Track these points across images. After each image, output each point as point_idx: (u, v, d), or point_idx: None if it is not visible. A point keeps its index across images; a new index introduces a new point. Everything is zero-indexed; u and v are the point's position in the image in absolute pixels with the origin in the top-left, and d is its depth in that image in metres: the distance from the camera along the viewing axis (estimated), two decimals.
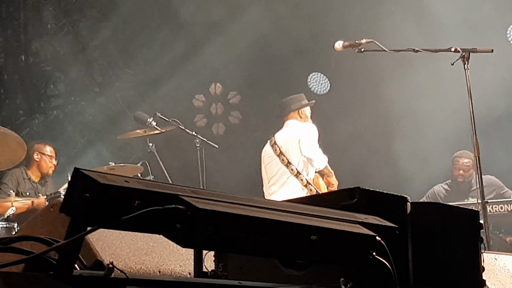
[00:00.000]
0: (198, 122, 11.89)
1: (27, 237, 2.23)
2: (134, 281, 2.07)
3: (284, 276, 2.74)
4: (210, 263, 2.90)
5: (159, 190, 2.05)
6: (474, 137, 5.92)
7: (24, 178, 8.70)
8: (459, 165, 9.10)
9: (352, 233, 2.38)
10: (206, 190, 2.29)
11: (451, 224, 3.03)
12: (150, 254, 3.29)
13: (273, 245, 2.25)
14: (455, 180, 9.15)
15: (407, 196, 2.89)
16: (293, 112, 8.00)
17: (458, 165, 9.10)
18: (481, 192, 5.95)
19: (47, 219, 3.34)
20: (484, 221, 5.61)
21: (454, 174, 9.17)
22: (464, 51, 6.01)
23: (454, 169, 9.16)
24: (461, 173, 9.07)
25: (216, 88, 12.05)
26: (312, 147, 7.73)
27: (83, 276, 1.99)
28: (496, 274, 3.88)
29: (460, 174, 9.08)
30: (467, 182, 9.06)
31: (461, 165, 9.08)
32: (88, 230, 1.96)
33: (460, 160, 9.11)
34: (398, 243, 2.58)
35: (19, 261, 2.03)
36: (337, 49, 6.68)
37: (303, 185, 7.73)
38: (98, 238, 3.12)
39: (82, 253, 2.06)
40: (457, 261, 3.01)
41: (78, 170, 1.99)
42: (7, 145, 7.71)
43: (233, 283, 2.47)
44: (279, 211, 2.29)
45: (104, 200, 1.94)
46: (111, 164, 8.24)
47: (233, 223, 2.11)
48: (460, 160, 9.10)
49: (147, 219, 1.98)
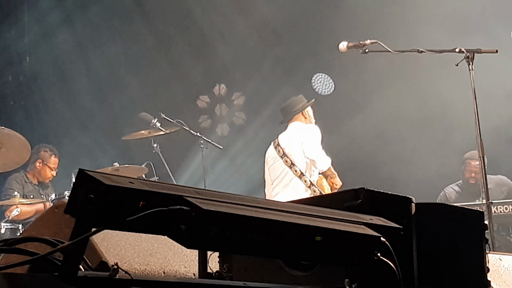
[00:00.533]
0: (203, 123, 11.89)
1: (32, 238, 2.24)
2: (139, 282, 2.07)
3: (288, 277, 2.73)
4: (215, 264, 2.90)
5: (163, 191, 2.05)
6: (478, 137, 5.91)
7: (26, 182, 8.73)
8: (470, 167, 8.96)
9: (357, 234, 2.38)
10: (210, 191, 2.29)
11: (456, 224, 3.02)
12: (155, 255, 3.29)
13: (278, 246, 2.24)
14: (466, 181, 9.05)
15: (412, 197, 2.88)
16: (298, 115, 8.02)
17: (470, 167, 8.96)
18: (486, 193, 5.94)
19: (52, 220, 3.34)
20: (488, 221, 5.60)
21: (465, 176, 9.06)
22: (468, 52, 6.00)
23: (466, 172, 9.04)
24: (473, 175, 8.95)
25: (220, 89, 12.05)
26: (315, 149, 7.73)
27: (87, 277, 1.99)
28: (501, 275, 3.87)
29: (472, 177, 8.96)
30: (479, 183, 8.99)
31: (472, 167, 8.91)
32: (92, 231, 1.96)
33: (471, 162, 8.93)
34: (402, 244, 2.58)
35: (24, 262, 2.03)
36: (341, 50, 6.66)
37: (306, 186, 7.74)
38: (103, 239, 3.12)
39: (86, 254, 2.07)
40: (462, 262, 3.01)
41: (82, 171, 1.99)
42: (12, 146, 7.72)
43: (237, 284, 2.47)
44: (283, 212, 2.28)
45: (108, 201, 1.94)
46: (116, 165, 8.25)
47: (237, 224, 2.11)
48: (472, 162, 8.92)
49: (152, 220, 1.98)
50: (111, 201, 1.94)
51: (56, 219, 3.31)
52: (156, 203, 1.99)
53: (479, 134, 5.90)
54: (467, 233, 3.06)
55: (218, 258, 2.91)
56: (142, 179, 2.18)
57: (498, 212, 8.09)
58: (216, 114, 12.02)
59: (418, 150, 10.22)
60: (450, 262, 2.95)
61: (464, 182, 9.11)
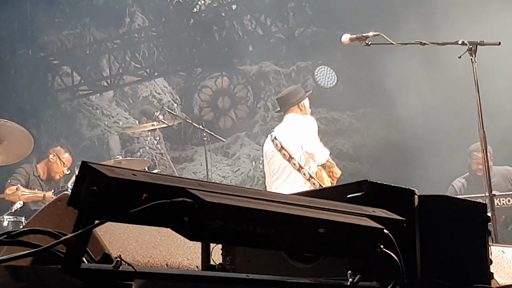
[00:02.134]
0: (205, 116, 11.89)
1: (35, 230, 2.23)
2: (142, 274, 2.08)
3: (291, 269, 2.74)
4: (218, 256, 2.90)
5: (166, 183, 2.05)
6: (481, 130, 5.91)
7: (34, 175, 8.74)
8: (477, 159, 8.94)
9: (360, 226, 2.38)
10: (213, 183, 2.29)
11: (459, 216, 3.02)
12: (158, 247, 3.29)
13: (281, 238, 2.24)
14: (474, 174, 9.03)
15: (415, 189, 2.88)
16: (294, 106, 7.99)
17: (477, 159, 8.96)
18: (489, 185, 5.94)
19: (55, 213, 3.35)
20: (491, 214, 5.60)
21: (472, 169, 9.03)
22: (471, 44, 5.99)
23: (473, 164, 9.01)
24: (480, 167, 8.94)
25: (223, 82, 12.05)
26: (312, 142, 7.69)
27: (91, 269, 2.00)
28: (503, 267, 3.88)
29: (480, 169, 8.94)
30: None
31: (479, 159, 8.86)
32: (95, 223, 1.96)
33: (478, 154, 8.91)
34: (405, 236, 2.58)
35: (26, 254, 2.03)
36: (344, 43, 6.65)
37: (305, 179, 7.72)
38: (106, 231, 3.12)
39: (89, 246, 2.07)
40: (465, 254, 3.01)
41: (85, 163, 1.99)
42: (14, 139, 7.73)
43: (240, 276, 2.47)
44: (286, 204, 2.28)
45: (111, 193, 1.94)
46: (119, 157, 8.26)
47: (240, 216, 2.11)
48: (478, 154, 8.90)
49: (155, 212, 1.98)
50: (114, 193, 1.94)
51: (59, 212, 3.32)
52: (159, 195, 1.99)
53: (481, 127, 5.90)
54: (470, 225, 3.06)
55: (221, 250, 2.91)
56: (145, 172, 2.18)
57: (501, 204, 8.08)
58: (218, 106, 12.02)
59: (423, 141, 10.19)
60: (453, 254, 2.95)
61: (471, 174, 9.09)
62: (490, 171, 8.77)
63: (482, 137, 5.92)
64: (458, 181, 9.17)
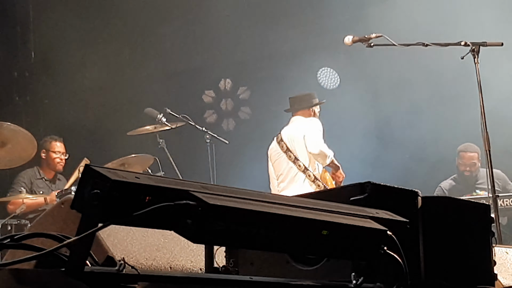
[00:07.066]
0: (208, 118, 11.89)
1: (38, 234, 2.24)
2: (146, 277, 2.08)
3: (295, 271, 2.74)
4: (221, 259, 2.90)
5: (169, 186, 2.05)
6: (484, 130, 5.90)
7: (37, 178, 8.71)
8: (465, 160, 9.03)
9: (363, 227, 2.38)
10: (216, 185, 2.29)
11: (462, 218, 3.02)
12: (161, 250, 3.29)
13: (284, 240, 2.24)
14: (461, 174, 9.08)
15: (418, 191, 2.88)
16: (304, 110, 8.04)
17: (464, 159, 9.03)
18: (492, 186, 5.94)
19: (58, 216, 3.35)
20: (495, 215, 5.59)
21: (460, 169, 9.08)
22: (474, 45, 5.99)
23: (460, 164, 9.07)
24: (468, 168, 9.00)
25: (226, 84, 12.05)
26: (317, 143, 7.71)
27: (94, 272, 2.00)
28: (507, 268, 3.87)
29: (467, 170, 9.01)
30: (473, 175, 9.01)
31: (467, 159, 9.00)
32: (99, 226, 1.96)
33: (465, 154, 9.02)
34: (409, 237, 2.58)
35: (30, 257, 2.03)
36: (346, 44, 6.65)
37: (310, 180, 7.74)
38: (109, 234, 3.12)
39: (93, 249, 2.07)
40: (469, 255, 3.00)
41: (88, 166, 1.99)
42: (18, 142, 7.73)
43: (244, 278, 2.47)
44: (290, 206, 2.28)
45: (115, 196, 1.94)
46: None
47: (244, 218, 2.11)
48: (466, 155, 9.01)
49: (158, 215, 1.99)
50: (117, 196, 1.94)
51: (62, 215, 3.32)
52: (162, 198, 1.99)
53: (484, 128, 5.90)
54: (474, 226, 3.06)
55: (224, 253, 2.91)
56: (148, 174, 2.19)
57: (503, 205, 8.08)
58: (221, 108, 12.02)
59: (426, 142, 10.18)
60: (457, 256, 2.94)
61: (459, 174, 9.12)
62: (479, 172, 8.88)
63: (485, 138, 5.91)
64: (447, 183, 9.19)
